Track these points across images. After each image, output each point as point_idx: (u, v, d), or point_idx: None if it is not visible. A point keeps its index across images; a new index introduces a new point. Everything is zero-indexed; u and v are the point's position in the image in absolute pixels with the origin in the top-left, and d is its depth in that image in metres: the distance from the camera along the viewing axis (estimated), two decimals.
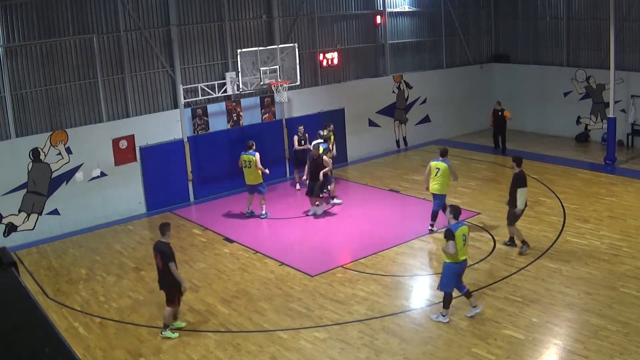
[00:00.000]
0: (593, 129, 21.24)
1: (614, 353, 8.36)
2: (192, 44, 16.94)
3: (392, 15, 21.27)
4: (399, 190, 16.78)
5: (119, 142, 15.83)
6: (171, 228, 10.32)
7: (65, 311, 10.91)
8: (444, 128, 22.71)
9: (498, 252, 12.27)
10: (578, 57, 21.59)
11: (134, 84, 16.15)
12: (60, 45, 14.90)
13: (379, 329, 9.57)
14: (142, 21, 16.00)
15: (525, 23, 23.15)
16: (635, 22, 19.63)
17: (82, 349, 9.42)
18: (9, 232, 14.39)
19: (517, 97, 22.76)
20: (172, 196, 16.70)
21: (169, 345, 9.50)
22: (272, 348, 9.21)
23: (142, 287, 11.79)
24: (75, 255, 13.78)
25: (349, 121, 19.99)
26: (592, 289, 10.32)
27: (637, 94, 19.58)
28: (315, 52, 19.34)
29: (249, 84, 16.43)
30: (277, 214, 15.58)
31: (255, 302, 10.80)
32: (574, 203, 14.84)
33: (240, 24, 17.78)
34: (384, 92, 21.01)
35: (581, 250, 12.05)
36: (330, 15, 19.67)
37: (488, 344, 8.87)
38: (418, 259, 12.46)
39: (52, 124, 14.97)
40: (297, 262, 12.40)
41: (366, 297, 10.68)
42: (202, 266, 12.59)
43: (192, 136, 17.02)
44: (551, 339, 8.94)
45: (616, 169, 17.74)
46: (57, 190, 14.95)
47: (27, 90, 14.57)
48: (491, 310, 9.88)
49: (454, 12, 22.69)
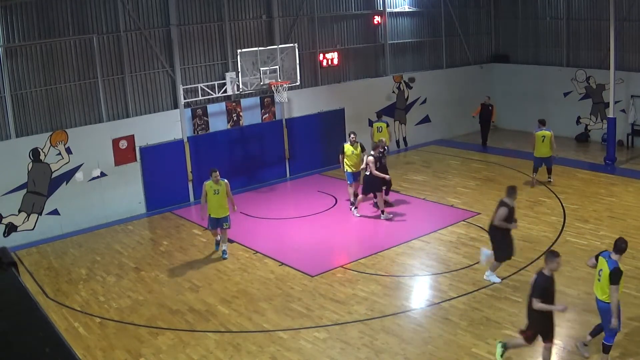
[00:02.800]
0: (593, 129, 21.25)
1: (614, 353, 8.36)
2: (192, 44, 16.95)
3: (392, 15, 21.27)
4: (399, 190, 16.77)
5: (119, 142, 15.83)
6: (171, 228, 10.31)
7: (65, 311, 10.90)
8: (444, 128, 22.72)
9: None
10: (578, 57, 21.59)
11: (134, 84, 16.15)
12: (60, 45, 14.90)
13: (379, 329, 9.57)
14: (142, 21, 16.00)
15: (525, 23, 23.15)
16: (635, 22, 19.63)
17: (82, 349, 9.41)
18: (9, 232, 14.39)
19: (517, 97, 22.78)
20: (172, 196, 16.70)
21: (169, 345, 9.50)
22: (272, 348, 9.21)
23: (142, 287, 11.78)
24: (75, 255, 13.78)
25: (349, 121, 19.98)
26: (592, 289, 10.29)
27: (637, 94, 19.58)
28: (315, 52, 19.34)
29: (249, 84, 16.42)
30: (277, 214, 15.58)
31: (255, 302, 10.81)
32: (574, 203, 14.85)
33: (240, 24, 17.78)
34: (383, 92, 21.01)
35: (581, 250, 12.05)
36: (330, 16, 19.67)
37: (488, 344, 8.87)
38: (418, 259, 12.46)
39: (52, 124, 14.97)
40: (297, 262, 12.40)
41: (366, 297, 10.68)
42: (202, 266, 12.59)
43: (192, 136, 17.02)
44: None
45: (616, 169, 17.75)
46: (57, 190, 14.95)
47: (27, 90, 14.57)
48: (491, 310, 9.89)
49: (454, 12, 22.69)
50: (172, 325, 10.15)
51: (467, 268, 11.60)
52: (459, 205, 15.29)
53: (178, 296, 11.26)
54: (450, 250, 12.61)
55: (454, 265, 11.78)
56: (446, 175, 18.12)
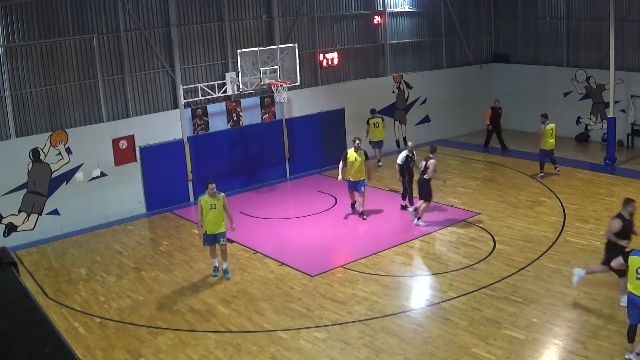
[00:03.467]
0: (593, 129, 21.25)
1: (614, 353, 8.37)
2: (192, 44, 16.95)
3: (392, 15, 21.27)
4: (399, 191, 16.76)
5: (119, 142, 15.83)
6: (171, 228, 10.30)
7: (65, 311, 10.90)
8: (444, 128, 22.71)
9: (498, 252, 12.27)
10: (578, 57, 21.59)
11: (134, 84, 16.15)
12: (60, 45, 14.90)
13: (379, 329, 9.57)
14: (142, 21, 16.00)
15: (525, 23, 23.15)
16: (635, 22, 19.63)
17: (82, 349, 9.42)
18: (9, 232, 14.39)
19: (517, 97, 22.76)
20: (172, 196, 16.69)
21: (169, 345, 9.50)
22: (272, 348, 9.21)
23: (142, 287, 11.78)
24: (75, 255, 13.78)
25: (349, 121, 19.99)
26: (592, 289, 10.32)
27: (637, 94, 19.58)
28: (315, 52, 19.34)
29: (249, 84, 16.42)
30: (277, 214, 15.58)
31: (255, 302, 10.81)
32: (574, 203, 14.85)
33: (240, 24, 17.78)
34: (384, 93, 21.01)
35: (581, 250, 12.05)
36: (330, 16, 19.67)
37: (488, 344, 8.87)
38: (418, 259, 12.46)
39: (52, 124, 14.98)
40: (297, 262, 12.40)
41: (366, 297, 10.68)
42: (202, 266, 12.59)
43: (192, 136, 17.02)
44: (551, 339, 8.94)
45: (616, 169, 17.74)
46: (57, 190, 14.95)
47: (27, 90, 14.57)
48: (491, 310, 9.88)
49: (454, 12, 22.69)
50: (172, 325, 10.15)
51: (467, 268, 11.60)
52: (459, 205, 15.29)
53: (178, 296, 11.27)
54: (450, 250, 12.61)
55: (454, 265, 11.78)
56: (446, 175, 18.09)
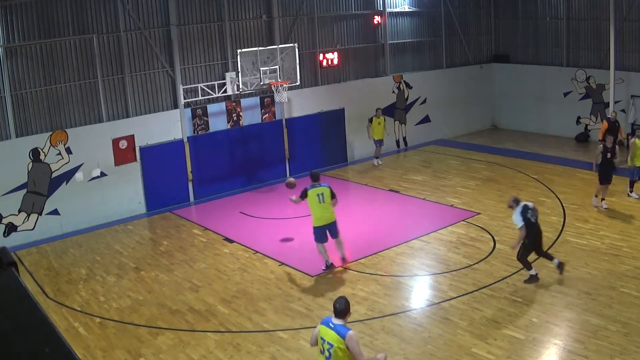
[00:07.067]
0: (593, 129, 21.24)
1: (614, 353, 8.36)
2: (192, 44, 16.95)
3: (392, 15, 21.28)
4: (399, 191, 16.78)
5: (119, 142, 15.83)
6: (171, 228, 10.31)
7: (65, 311, 10.90)
8: (444, 128, 22.72)
9: (498, 252, 12.26)
10: (578, 57, 21.59)
11: (134, 84, 16.15)
12: (60, 45, 14.90)
13: (379, 329, 9.56)
14: (142, 21, 16.00)
15: (525, 23, 23.15)
16: (635, 22, 19.63)
17: (82, 349, 9.41)
18: (9, 232, 14.39)
19: (517, 97, 22.78)
20: (172, 196, 16.70)
21: (169, 345, 9.50)
22: (272, 348, 9.20)
23: (142, 287, 11.78)
24: (75, 255, 13.78)
25: (349, 121, 19.99)
26: (592, 289, 10.32)
27: (637, 94, 19.58)
28: (315, 52, 19.34)
29: (249, 84, 16.43)
30: (277, 214, 15.58)
31: (255, 302, 10.80)
32: (574, 203, 14.84)
33: (240, 24, 17.78)
34: (384, 93, 21.01)
35: (581, 250, 12.05)
36: (330, 15, 19.67)
37: (488, 344, 8.86)
38: (418, 259, 12.45)
39: (52, 124, 14.98)
40: (297, 262, 12.40)
41: (366, 297, 10.68)
42: (202, 266, 12.59)
43: (192, 136, 17.02)
44: (551, 339, 8.94)
45: (616, 169, 17.69)
46: (57, 190, 14.95)
47: (27, 90, 14.57)
48: (491, 310, 9.88)
49: (454, 12, 22.69)
50: (172, 325, 10.15)
51: (467, 268, 11.60)
52: (459, 205, 15.29)
53: (178, 296, 11.26)
54: (450, 250, 12.61)
55: (454, 265, 11.77)
56: (446, 175, 18.11)
